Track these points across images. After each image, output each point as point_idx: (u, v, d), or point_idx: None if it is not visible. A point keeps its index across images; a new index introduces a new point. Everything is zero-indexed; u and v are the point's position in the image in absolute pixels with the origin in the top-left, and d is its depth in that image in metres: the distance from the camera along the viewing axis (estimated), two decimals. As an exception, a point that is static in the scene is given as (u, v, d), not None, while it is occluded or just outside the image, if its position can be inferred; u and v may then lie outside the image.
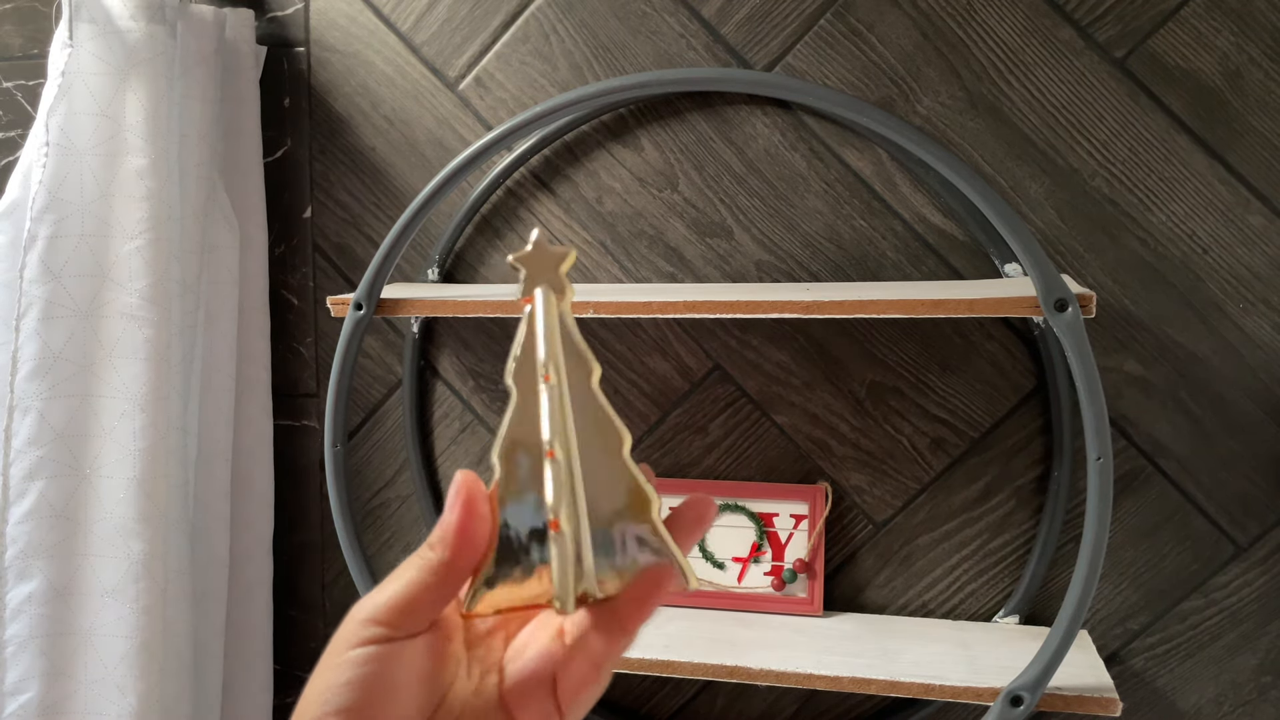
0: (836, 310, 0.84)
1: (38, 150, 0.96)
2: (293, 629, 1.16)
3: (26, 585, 0.95)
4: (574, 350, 0.42)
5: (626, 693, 1.10)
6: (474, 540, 0.40)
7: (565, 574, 0.40)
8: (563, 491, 0.40)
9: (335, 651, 0.39)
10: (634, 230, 1.05)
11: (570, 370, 0.42)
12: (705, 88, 1.00)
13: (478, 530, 0.40)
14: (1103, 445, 0.81)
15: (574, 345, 0.42)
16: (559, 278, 0.43)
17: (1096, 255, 0.97)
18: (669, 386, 1.06)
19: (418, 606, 0.40)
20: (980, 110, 0.97)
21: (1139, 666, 0.99)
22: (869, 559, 1.04)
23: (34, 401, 0.95)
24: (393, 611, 0.40)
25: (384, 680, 0.38)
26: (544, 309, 0.42)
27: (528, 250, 0.43)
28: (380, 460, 1.13)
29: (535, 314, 0.42)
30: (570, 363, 0.42)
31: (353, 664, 0.39)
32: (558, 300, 0.42)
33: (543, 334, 0.42)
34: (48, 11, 1.17)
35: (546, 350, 0.42)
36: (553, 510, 0.40)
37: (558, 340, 0.42)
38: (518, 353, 0.42)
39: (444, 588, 0.40)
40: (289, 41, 1.12)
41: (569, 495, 0.40)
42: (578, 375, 0.42)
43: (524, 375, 0.42)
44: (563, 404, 0.41)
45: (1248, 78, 0.93)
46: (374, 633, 0.39)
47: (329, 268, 1.13)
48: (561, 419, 0.41)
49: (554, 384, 0.41)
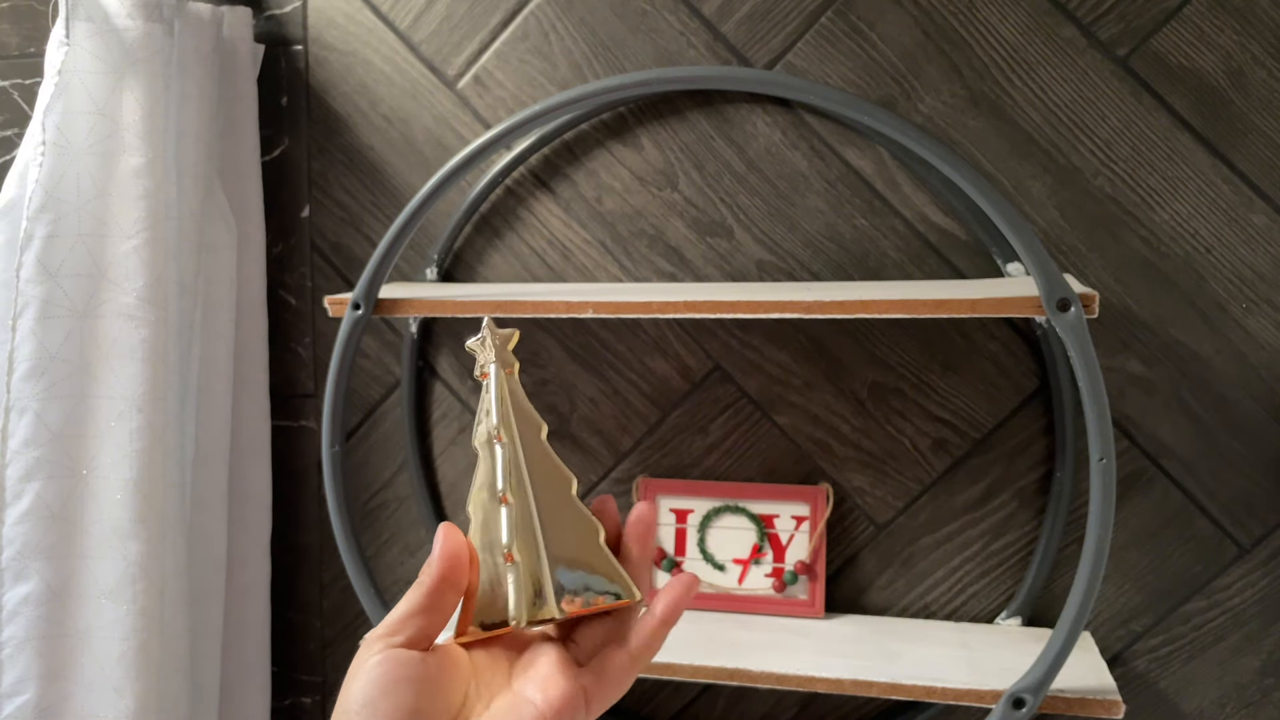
0: (838, 310, 0.83)
1: (34, 149, 0.96)
2: (291, 630, 1.16)
3: (23, 586, 0.95)
4: (523, 413, 0.52)
5: (626, 694, 1.09)
6: (457, 560, 0.49)
7: (520, 595, 0.50)
8: (515, 530, 0.50)
9: (352, 672, 0.47)
10: (634, 229, 1.05)
11: (521, 430, 0.51)
12: (706, 86, 1.00)
13: (459, 554, 0.50)
14: (1105, 446, 0.80)
15: (522, 408, 0.52)
16: (507, 354, 0.53)
17: (1099, 254, 0.96)
18: (669, 387, 1.05)
19: (414, 618, 0.48)
20: (982, 109, 0.97)
21: (1142, 668, 0.99)
22: (870, 560, 1.03)
23: (30, 402, 0.95)
24: (393, 625, 0.48)
25: (389, 677, 0.46)
26: (495, 383, 0.52)
27: (480, 337, 0.53)
28: (378, 461, 1.13)
29: (491, 388, 0.52)
30: (520, 424, 0.51)
31: (366, 670, 0.46)
32: (507, 375, 0.52)
33: (494, 403, 0.52)
34: (44, 10, 1.16)
35: (498, 416, 0.52)
36: (508, 545, 0.50)
37: (509, 407, 0.52)
38: (480, 419, 0.52)
39: (435, 600, 0.49)
40: (287, 40, 1.11)
41: (523, 532, 0.50)
42: (529, 433, 0.51)
43: (485, 438, 0.52)
44: (515, 458, 0.51)
45: (1250, 76, 0.92)
46: (380, 645, 0.47)
47: (327, 267, 1.12)
48: (515, 470, 0.51)
49: (506, 443, 0.51)
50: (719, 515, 1.03)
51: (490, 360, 0.52)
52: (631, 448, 1.07)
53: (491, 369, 0.52)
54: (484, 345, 0.53)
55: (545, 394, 1.08)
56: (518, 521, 0.50)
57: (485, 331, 0.53)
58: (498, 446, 0.51)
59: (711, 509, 1.03)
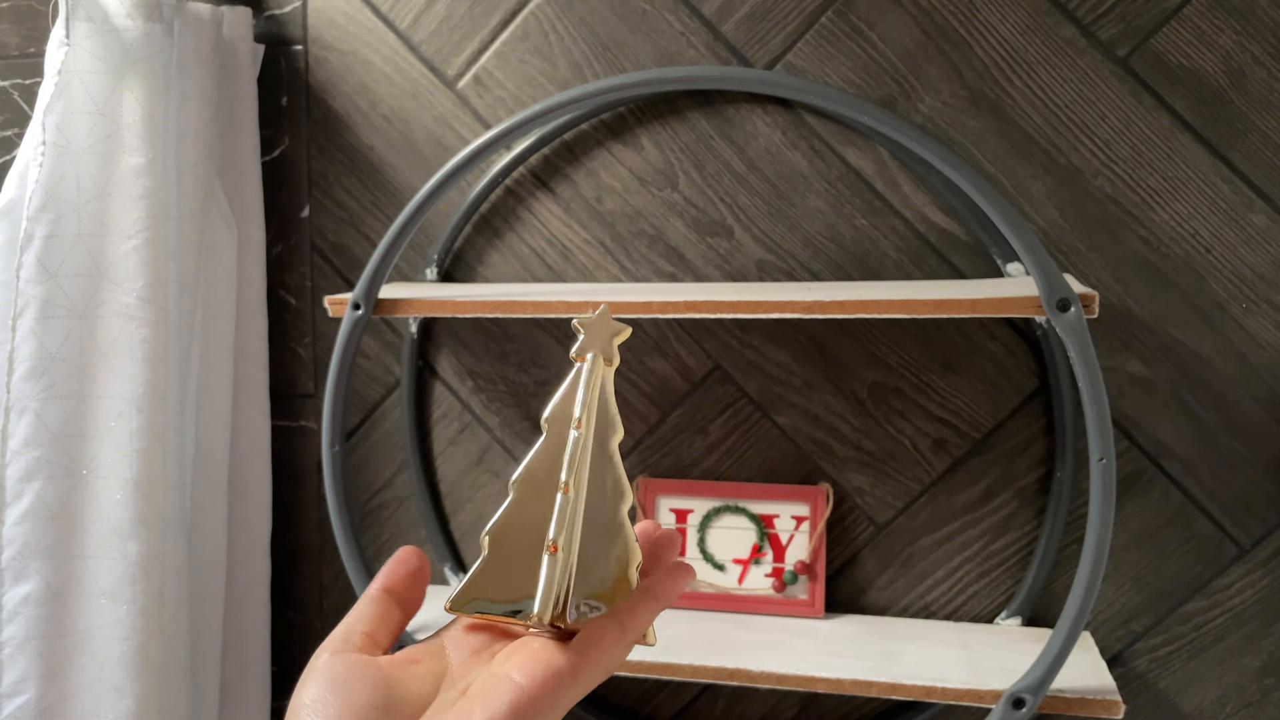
0: (838, 310, 0.83)
1: (34, 149, 0.96)
2: (290, 630, 1.16)
3: (23, 586, 0.95)
4: (606, 412, 0.49)
5: (626, 695, 1.09)
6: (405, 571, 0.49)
7: (550, 592, 0.47)
8: (565, 523, 0.47)
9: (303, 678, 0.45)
10: (634, 229, 1.05)
11: (598, 427, 0.49)
12: (706, 86, 1.00)
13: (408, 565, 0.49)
14: (1105, 446, 0.80)
15: (607, 408, 0.49)
16: (611, 348, 0.50)
17: (1099, 255, 0.96)
18: (669, 387, 1.05)
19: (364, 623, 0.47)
20: (982, 109, 0.97)
21: (1142, 668, 0.99)
22: (870, 560, 1.03)
23: (30, 402, 0.95)
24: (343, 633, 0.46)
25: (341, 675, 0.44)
26: (590, 371, 0.49)
27: (593, 317, 0.50)
28: (378, 461, 1.13)
29: (583, 372, 0.49)
30: (600, 421, 0.49)
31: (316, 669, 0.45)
32: (605, 367, 0.50)
33: (583, 391, 0.49)
34: (44, 10, 1.16)
35: (583, 405, 0.49)
36: (554, 537, 0.47)
37: (595, 400, 0.49)
38: (558, 400, 0.49)
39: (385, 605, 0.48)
40: (287, 40, 1.11)
41: (570, 528, 0.48)
42: (603, 434, 0.49)
43: (558, 421, 0.49)
44: (584, 452, 0.48)
45: (1250, 76, 0.92)
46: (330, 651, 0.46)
47: (327, 267, 1.12)
48: (580, 464, 0.48)
49: (581, 434, 0.48)
50: (719, 515, 1.03)
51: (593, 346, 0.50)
52: (631, 448, 1.07)
53: (590, 356, 0.49)
54: (591, 328, 0.50)
55: (545, 394, 1.08)
56: (570, 517, 0.48)
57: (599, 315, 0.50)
58: (572, 433, 0.48)
59: (711, 509, 1.03)
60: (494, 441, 1.10)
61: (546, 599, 0.47)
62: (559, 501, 0.48)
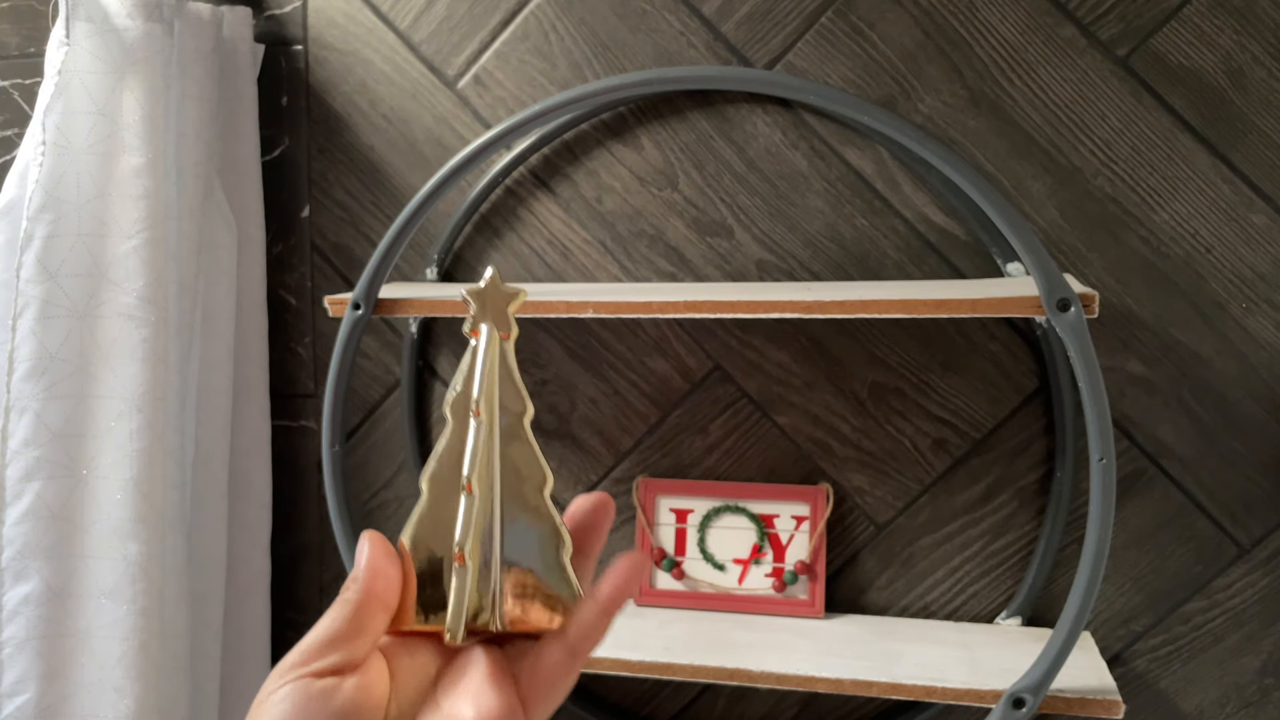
0: (838, 310, 0.83)
1: (34, 149, 0.96)
2: (290, 630, 1.16)
3: (23, 586, 0.95)
4: (511, 388, 0.44)
5: (626, 695, 1.09)
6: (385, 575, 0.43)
7: (460, 607, 0.42)
8: (472, 526, 0.43)
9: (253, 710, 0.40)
10: (634, 229, 1.05)
11: (504, 408, 0.44)
12: (706, 86, 1.00)
13: (387, 566, 0.43)
14: (1105, 446, 0.80)
15: (511, 383, 0.44)
16: (506, 317, 0.45)
17: (1099, 254, 0.96)
18: (669, 387, 1.05)
19: (335, 644, 0.41)
20: (982, 109, 0.97)
21: (1142, 668, 0.99)
22: (870, 560, 1.03)
23: (30, 402, 0.95)
24: (308, 652, 0.41)
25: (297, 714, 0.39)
26: (485, 346, 0.44)
27: (480, 286, 0.45)
28: (379, 461, 1.13)
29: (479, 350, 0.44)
30: (505, 401, 0.44)
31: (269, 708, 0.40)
32: (502, 339, 0.45)
33: (481, 370, 0.44)
34: (45, 10, 1.16)
35: (482, 387, 0.44)
36: (459, 544, 0.43)
37: (495, 378, 0.44)
38: (459, 385, 0.44)
39: (361, 621, 0.42)
40: (287, 40, 1.11)
41: (480, 530, 0.43)
42: (511, 414, 0.44)
43: (460, 407, 0.44)
44: (489, 440, 0.44)
45: (1250, 76, 0.92)
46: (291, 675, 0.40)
47: (327, 267, 1.12)
48: (486, 455, 0.43)
49: (483, 420, 0.43)
50: (719, 515, 1.03)
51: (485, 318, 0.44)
52: (631, 448, 1.07)
53: (484, 328, 0.44)
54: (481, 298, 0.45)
55: (545, 394, 1.08)
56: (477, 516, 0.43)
57: (487, 283, 0.45)
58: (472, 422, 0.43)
59: (711, 509, 1.03)
60: (494, 441, 1.09)
61: (458, 616, 0.42)
62: (463, 503, 0.43)
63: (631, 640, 0.95)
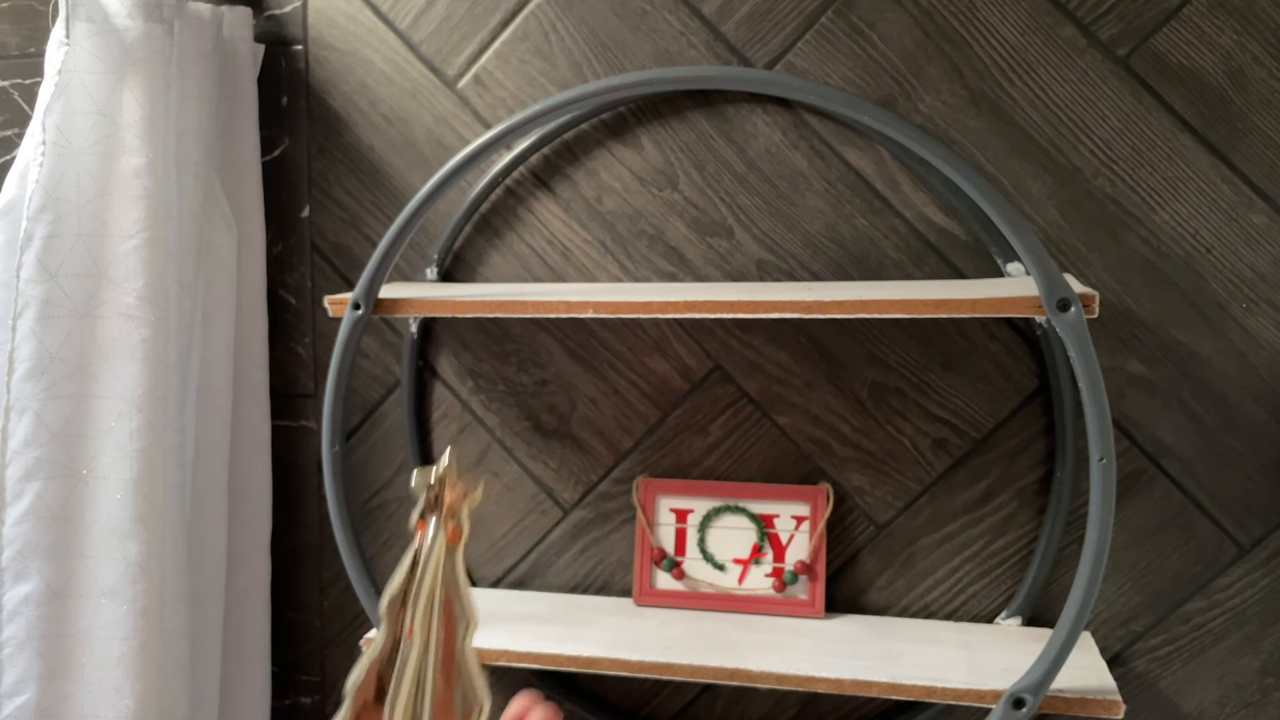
0: (838, 310, 0.83)
1: (34, 149, 0.96)
2: (290, 630, 1.16)
3: (24, 586, 0.95)
4: (457, 601, 0.39)
5: (627, 695, 1.09)
6: None
7: None
8: None
9: None
10: (634, 229, 1.05)
11: (445, 624, 0.38)
12: (706, 86, 1.00)
13: None
14: (1105, 446, 0.80)
15: (458, 596, 0.39)
16: (460, 512, 0.39)
17: (1099, 254, 0.96)
18: (669, 387, 1.05)
19: None
20: (982, 109, 0.97)
21: (1141, 668, 0.99)
22: (870, 560, 1.03)
23: (30, 402, 0.95)
24: None
25: None
26: (431, 549, 0.38)
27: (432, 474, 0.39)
28: (379, 461, 1.13)
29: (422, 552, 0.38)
30: (446, 616, 0.38)
31: None
32: (449, 542, 0.38)
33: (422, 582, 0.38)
34: (45, 10, 1.16)
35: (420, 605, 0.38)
36: None
37: (437, 590, 0.38)
38: (395, 585, 0.39)
39: None
40: (287, 40, 1.11)
41: None
42: (451, 634, 0.38)
43: (393, 613, 0.39)
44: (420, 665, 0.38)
45: (1250, 76, 0.92)
46: None
47: (327, 267, 1.12)
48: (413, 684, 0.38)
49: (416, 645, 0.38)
50: (719, 515, 1.03)
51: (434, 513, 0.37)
52: (631, 448, 1.07)
53: (431, 523, 0.37)
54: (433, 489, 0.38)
55: (545, 394, 1.08)
56: None
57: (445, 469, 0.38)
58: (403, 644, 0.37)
59: (711, 509, 1.03)
60: (494, 441, 1.09)
61: None
62: None
63: (631, 640, 0.95)
